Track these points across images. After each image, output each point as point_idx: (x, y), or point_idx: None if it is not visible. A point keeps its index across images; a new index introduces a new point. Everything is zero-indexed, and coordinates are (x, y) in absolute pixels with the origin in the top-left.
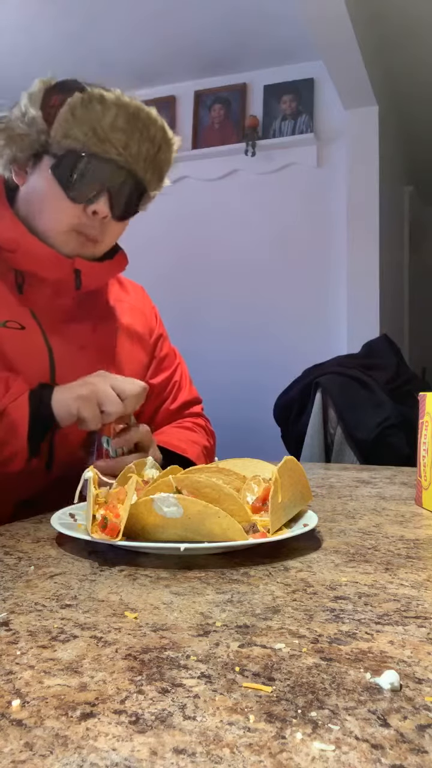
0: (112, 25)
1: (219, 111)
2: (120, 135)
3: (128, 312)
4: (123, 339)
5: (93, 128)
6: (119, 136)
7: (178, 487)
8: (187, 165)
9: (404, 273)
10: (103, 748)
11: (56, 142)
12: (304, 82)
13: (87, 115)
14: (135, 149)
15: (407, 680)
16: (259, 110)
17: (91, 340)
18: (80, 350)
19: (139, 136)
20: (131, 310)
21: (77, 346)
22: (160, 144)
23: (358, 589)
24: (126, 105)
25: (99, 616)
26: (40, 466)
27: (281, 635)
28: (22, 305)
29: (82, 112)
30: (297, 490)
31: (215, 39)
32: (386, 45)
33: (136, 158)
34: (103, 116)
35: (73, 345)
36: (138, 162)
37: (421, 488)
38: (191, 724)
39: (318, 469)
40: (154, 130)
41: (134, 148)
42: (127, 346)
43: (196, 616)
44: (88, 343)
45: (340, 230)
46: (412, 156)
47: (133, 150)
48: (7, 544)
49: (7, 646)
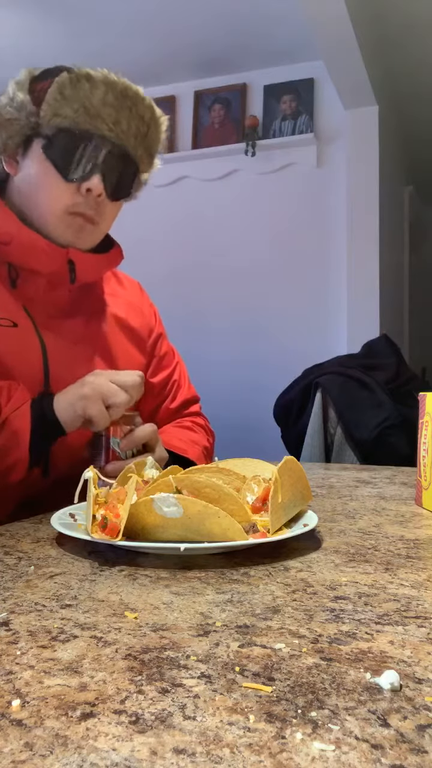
0: (112, 25)
1: (219, 111)
2: (110, 111)
3: (124, 306)
4: (118, 333)
5: (83, 105)
6: (109, 111)
7: (178, 487)
8: (187, 165)
9: (404, 273)
10: (103, 748)
11: (46, 123)
12: (304, 82)
13: (76, 93)
14: (125, 125)
15: (407, 680)
16: (259, 110)
17: (85, 335)
18: (74, 345)
19: (128, 113)
20: (127, 305)
21: (71, 342)
22: (149, 122)
23: (358, 589)
24: (114, 82)
25: (99, 616)
26: (37, 473)
27: (281, 635)
28: (15, 301)
29: (71, 90)
30: (297, 490)
31: (215, 39)
32: (386, 45)
33: (127, 134)
34: (92, 93)
35: (66, 340)
36: (129, 138)
37: (421, 488)
38: (191, 724)
39: (318, 469)
40: (142, 108)
41: (124, 125)
42: (122, 341)
43: (196, 616)
44: (82, 338)
45: (340, 230)
46: (412, 156)
47: (123, 126)
48: (7, 544)
49: (7, 646)
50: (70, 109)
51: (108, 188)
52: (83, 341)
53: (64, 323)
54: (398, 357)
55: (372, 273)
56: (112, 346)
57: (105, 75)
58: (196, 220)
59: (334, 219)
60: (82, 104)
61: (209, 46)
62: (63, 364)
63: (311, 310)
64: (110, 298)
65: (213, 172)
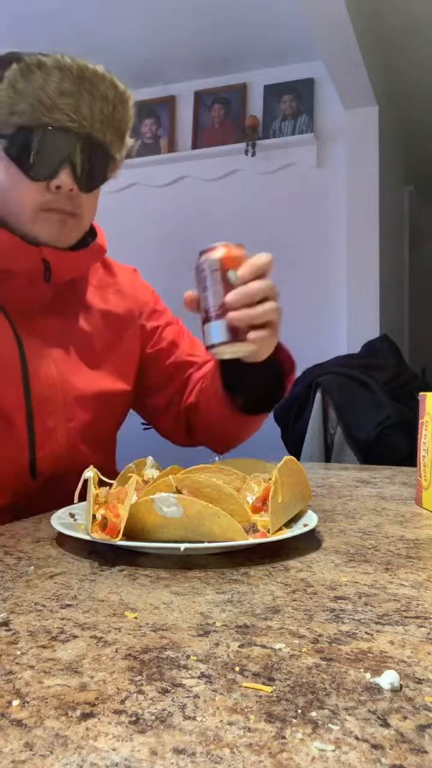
0: (112, 24)
1: (219, 111)
2: (68, 99)
3: (113, 297)
4: (104, 329)
5: (38, 98)
6: (68, 100)
7: (178, 487)
8: (187, 165)
9: (404, 273)
10: (103, 748)
11: (3, 122)
12: (304, 82)
13: (29, 86)
14: (87, 111)
15: (407, 680)
16: (259, 110)
17: (66, 334)
18: (55, 344)
19: (89, 97)
20: (117, 295)
21: (51, 340)
22: (113, 101)
23: (358, 589)
24: (68, 66)
25: (99, 616)
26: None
27: (281, 635)
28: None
29: (24, 83)
30: (297, 490)
31: (215, 39)
32: (386, 45)
33: (91, 120)
34: (46, 83)
35: (47, 339)
36: (94, 124)
37: (421, 488)
38: (191, 724)
39: (318, 469)
40: (104, 87)
41: (86, 110)
42: (109, 336)
43: (196, 616)
44: (64, 336)
45: (340, 230)
46: (412, 156)
47: (85, 112)
48: (7, 544)
49: (7, 646)
50: (25, 104)
51: (80, 181)
52: (66, 339)
53: (45, 322)
54: (398, 357)
55: (372, 273)
56: (96, 343)
57: (57, 60)
58: (196, 220)
59: (334, 219)
60: (37, 98)
61: (209, 46)
62: (43, 363)
63: (311, 310)
64: (97, 291)
65: (213, 172)
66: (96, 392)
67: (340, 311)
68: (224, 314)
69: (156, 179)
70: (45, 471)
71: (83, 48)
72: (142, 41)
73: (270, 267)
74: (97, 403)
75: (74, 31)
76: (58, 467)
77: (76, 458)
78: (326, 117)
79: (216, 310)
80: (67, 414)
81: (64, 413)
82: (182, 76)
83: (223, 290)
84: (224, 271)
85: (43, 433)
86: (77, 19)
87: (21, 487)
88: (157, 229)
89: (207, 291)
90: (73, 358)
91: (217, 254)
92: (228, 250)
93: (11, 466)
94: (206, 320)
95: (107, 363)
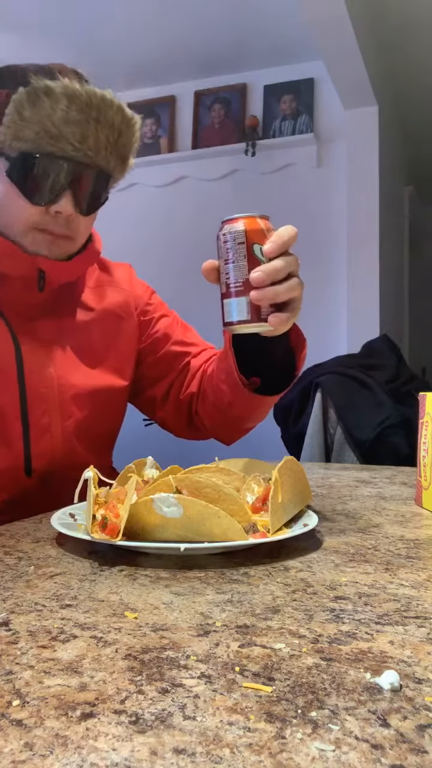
0: (112, 24)
1: (219, 111)
2: (74, 128)
3: (110, 293)
4: (101, 329)
5: (44, 126)
6: (73, 129)
7: (178, 487)
8: (187, 165)
9: (404, 273)
10: (103, 748)
11: (7, 146)
12: (304, 82)
13: (36, 114)
14: (92, 140)
15: (407, 680)
16: (259, 110)
17: (65, 332)
18: (51, 346)
19: (95, 125)
20: (114, 290)
21: (48, 340)
22: (119, 127)
23: (358, 589)
24: (76, 94)
25: (99, 616)
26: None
27: (281, 635)
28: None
29: (31, 111)
30: (297, 490)
31: (215, 39)
32: (386, 45)
33: (96, 149)
34: (53, 111)
35: (44, 339)
36: (99, 153)
37: (421, 488)
38: (191, 724)
39: (318, 469)
40: (111, 114)
41: (92, 140)
42: (106, 336)
43: (196, 616)
44: (61, 335)
45: (340, 230)
46: (412, 156)
47: (90, 142)
48: (7, 544)
49: (7, 646)
50: (30, 132)
51: (80, 206)
52: (60, 339)
53: (40, 324)
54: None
55: (372, 273)
56: (95, 340)
57: (65, 86)
58: (196, 220)
59: (334, 219)
60: (42, 126)
61: (209, 46)
62: (40, 365)
63: (311, 310)
64: (94, 291)
65: (213, 172)
66: (93, 389)
67: (340, 311)
68: (246, 291)
69: (156, 179)
70: (40, 469)
71: (83, 48)
72: (142, 41)
73: (295, 241)
74: (94, 400)
75: (74, 31)
76: (53, 465)
77: (71, 456)
78: (326, 117)
79: (237, 285)
80: (62, 412)
81: (60, 411)
82: (182, 76)
83: (247, 265)
84: (249, 244)
85: (38, 431)
86: (77, 19)
87: (16, 485)
88: (156, 229)
89: (229, 264)
90: (70, 356)
91: (243, 226)
92: (254, 221)
93: (6, 463)
94: (226, 295)
95: (106, 360)
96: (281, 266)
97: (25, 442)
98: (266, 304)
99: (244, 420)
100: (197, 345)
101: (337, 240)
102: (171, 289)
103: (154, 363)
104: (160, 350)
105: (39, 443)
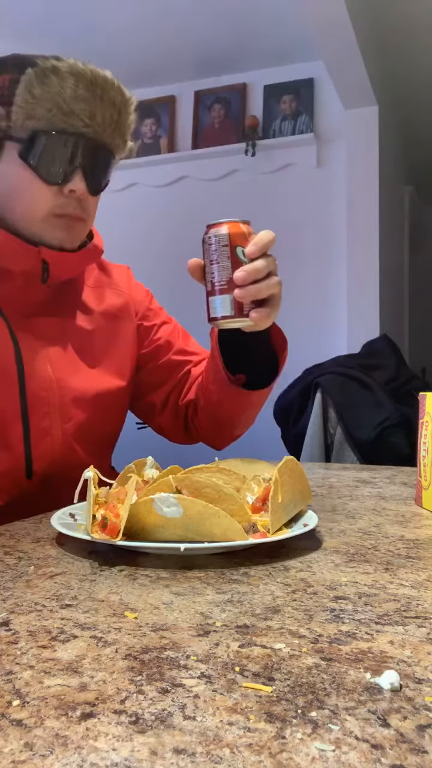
0: (112, 24)
1: (219, 111)
2: (83, 105)
3: (109, 295)
4: (102, 326)
5: (56, 103)
6: (83, 106)
7: (178, 487)
8: (187, 165)
9: (404, 273)
10: (103, 748)
11: (19, 126)
12: (304, 82)
13: (46, 91)
14: (100, 117)
15: (407, 680)
16: (259, 110)
17: (63, 333)
18: (52, 343)
19: (100, 103)
20: (112, 294)
21: (48, 340)
22: (120, 107)
23: (358, 589)
24: (82, 72)
25: (99, 616)
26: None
27: (281, 635)
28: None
29: (41, 89)
30: (297, 490)
31: (215, 39)
32: (386, 45)
33: (103, 126)
34: (62, 89)
35: (44, 339)
36: (105, 130)
37: (421, 488)
38: (191, 724)
39: (318, 469)
40: (113, 93)
41: (99, 117)
42: (107, 333)
43: (196, 616)
44: (61, 335)
45: (340, 230)
46: (412, 156)
47: (98, 119)
48: (7, 544)
49: (7, 646)
50: (42, 110)
51: (90, 185)
52: (61, 339)
53: (40, 322)
54: (398, 357)
55: (372, 273)
56: (94, 341)
57: (71, 65)
58: (195, 220)
59: (334, 219)
60: (54, 103)
61: (209, 46)
62: (39, 363)
63: (311, 310)
64: (93, 291)
65: (213, 172)
66: (93, 393)
67: (340, 311)
68: (230, 289)
69: (156, 179)
70: (40, 471)
71: (83, 48)
72: (141, 41)
73: (273, 244)
74: (95, 403)
75: (74, 30)
76: (53, 467)
77: (71, 459)
78: (326, 117)
79: (222, 284)
80: (62, 415)
81: (60, 414)
82: (182, 76)
83: (230, 266)
84: (233, 247)
85: (38, 434)
86: (77, 19)
87: (16, 487)
88: (156, 229)
89: (213, 264)
90: (70, 357)
91: (227, 230)
92: (237, 226)
93: (6, 466)
94: (212, 293)
95: (105, 361)
96: (262, 266)
97: (26, 444)
98: (248, 301)
99: (233, 422)
100: (198, 354)
101: (337, 240)
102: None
103: (154, 369)
104: (162, 358)
105: (39, 446)
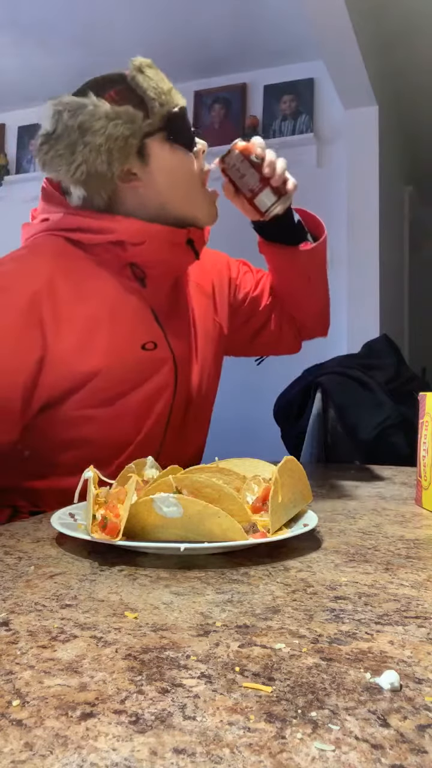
0: (112, 24)
1: (219, 111)
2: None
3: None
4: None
5: (161, 88)
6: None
7: (178, 487)
8: None
9: (404, 273)
10: (103, 748)
11: (160, 116)
12: (304, 82)
13: (151, 81)
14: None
15: (407, 680)
16: (259, 110)
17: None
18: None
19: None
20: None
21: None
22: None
23: (358, 589)
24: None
25: (99, 616)
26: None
27: (281, 635)
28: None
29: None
30: (297, 490)
31: (215, 39)
32: (386, 45)
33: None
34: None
35: (182, 339)
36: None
37: (421, 488)
38: (191, 724)
39: (318, 469)
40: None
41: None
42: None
43: (196, 616)
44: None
45: (340, 230)
46: (412, 156)
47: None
48: (7, 544)
49: (7, 646)
50: (162, 95)
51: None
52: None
53: (175, 320)
54: (398, 357)
55: (372, 273)
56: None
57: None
58: None
59: (334, 219)
60: (160, 88)
61: (209, 46)
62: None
63: None
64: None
65: (213, 172)
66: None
67: (340, 311)
68: (266, 184)
69: None
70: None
71: (84, 48)
72: (141, 42)
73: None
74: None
75: (74, 31)
76: None
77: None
78: (326, 117)
79: (258, 184)
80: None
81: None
82: (182, 76)
83: (255, 170)
84: (247, 157)
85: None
86: (77, 19)
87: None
88: None
89: (244, 177)
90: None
91: (236, 150)
92: (238, 145)
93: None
94: (255, 195)
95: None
96: (274, 156)
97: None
98: (281, 182)
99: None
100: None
101: (337, 240)
102: None
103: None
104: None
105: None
